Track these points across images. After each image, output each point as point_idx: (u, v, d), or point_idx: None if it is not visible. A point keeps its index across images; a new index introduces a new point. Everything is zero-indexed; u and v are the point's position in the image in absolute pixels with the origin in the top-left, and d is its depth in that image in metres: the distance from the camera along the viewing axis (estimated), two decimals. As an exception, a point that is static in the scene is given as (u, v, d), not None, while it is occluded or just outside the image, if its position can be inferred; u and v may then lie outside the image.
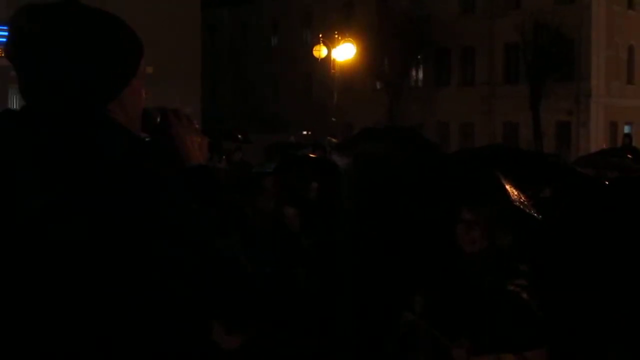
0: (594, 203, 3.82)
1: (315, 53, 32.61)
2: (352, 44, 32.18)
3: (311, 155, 8.92)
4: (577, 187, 4.39)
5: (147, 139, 1.85)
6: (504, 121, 39.59)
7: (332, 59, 32.25)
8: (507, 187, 3.37)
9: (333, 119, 32.20)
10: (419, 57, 41.74)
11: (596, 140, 35.52)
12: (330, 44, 32.10)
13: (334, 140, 14.30)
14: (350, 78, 37.37)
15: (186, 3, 30.00)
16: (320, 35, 32.34)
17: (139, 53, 1.73)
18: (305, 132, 29.30)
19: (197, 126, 1.89)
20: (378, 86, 42.37)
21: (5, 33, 1.67)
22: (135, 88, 1.73)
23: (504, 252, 3.21)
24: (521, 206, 3.20)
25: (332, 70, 32.44)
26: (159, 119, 1.83)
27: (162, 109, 1.84)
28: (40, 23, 1.60)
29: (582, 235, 3.63)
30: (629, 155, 8.48)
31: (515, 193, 3.34)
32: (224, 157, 14.24)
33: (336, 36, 31.92)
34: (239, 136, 15.20)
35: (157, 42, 27.09)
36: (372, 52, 37.73)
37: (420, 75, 43.72)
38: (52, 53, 1.59)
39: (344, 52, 32.15)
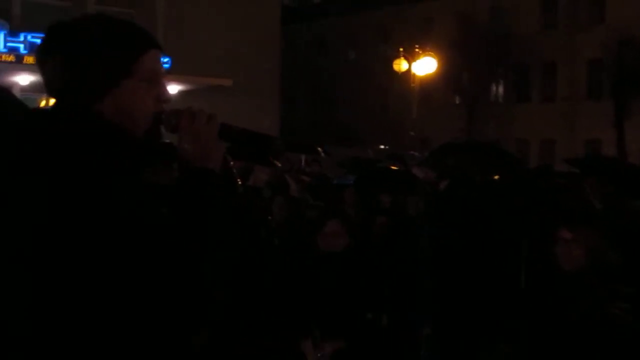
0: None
1: (395, 67, 32.49)
2: (433, 57, 31.93)
3: (392, 168, 8.85)
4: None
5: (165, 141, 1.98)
6: (586, 139, 38.53)
7: (412, 72, 32.07)
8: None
9: (412, 133, 31.99)
10: (499, 72, 41.22)
11: (683, 160, 34.26)
12: (410, 57, 31.93)
13: (416, 154, 14.16)
14: (428, 92, 37.12)
15: (266, 20, 30.49)
16: (401, 49, 32.19)
17: (134, 53, 1.71)
18: (382, 147, 29.18)
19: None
20: (457, 101, 41.99)
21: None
22: (131, 88, 1.70)
23: (608, 272, 3.05)
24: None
25: (412, 84, 32.26)
26: (174, 121, 1.80)
27: (179, 110, 1.80)
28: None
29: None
30: None
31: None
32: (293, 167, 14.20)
33: (417, 50, 31.74)
34: (319, 149, 15.16)
35: (237, 57, 27.75)
36: (451, 66, 37.39)
37: (500, 90, 43.16)
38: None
39: (424, 66, 31.92)
